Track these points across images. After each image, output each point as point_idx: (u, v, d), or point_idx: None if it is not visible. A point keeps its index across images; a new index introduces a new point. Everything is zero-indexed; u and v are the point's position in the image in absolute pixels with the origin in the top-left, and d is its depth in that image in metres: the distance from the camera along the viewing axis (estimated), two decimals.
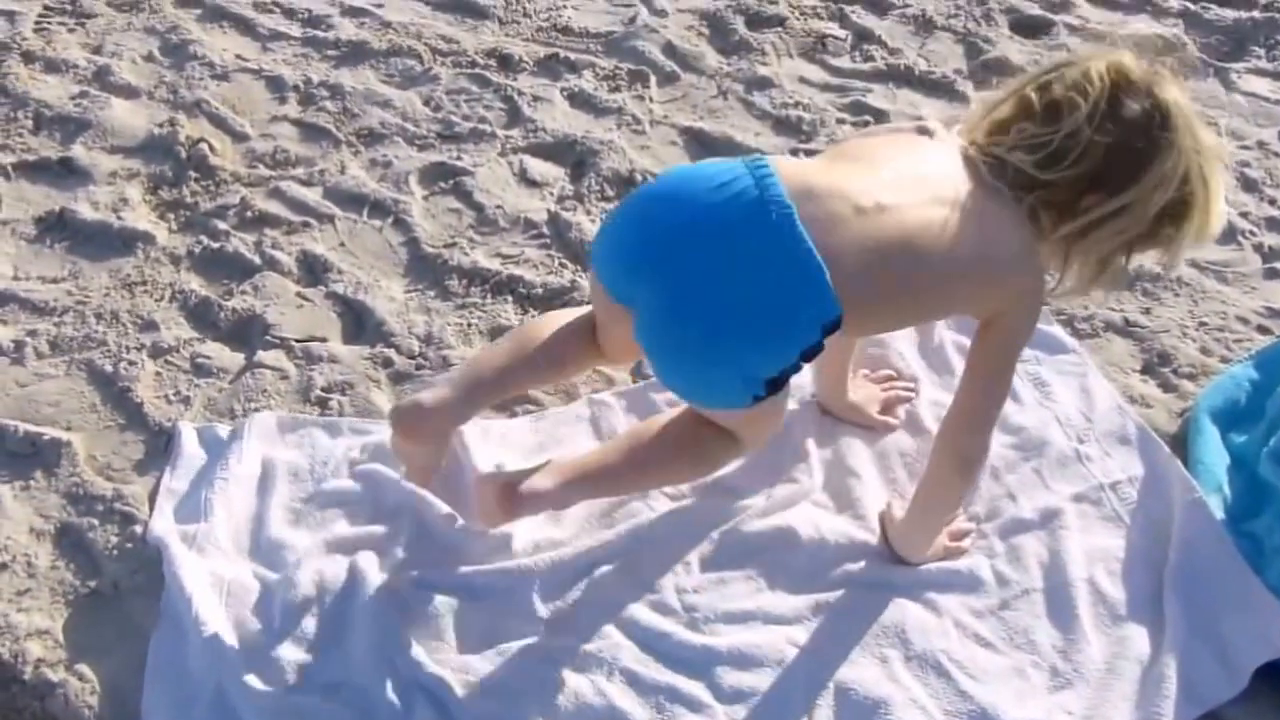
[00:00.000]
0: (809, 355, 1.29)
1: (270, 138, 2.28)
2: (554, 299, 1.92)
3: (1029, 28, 2.61)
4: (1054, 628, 1.51)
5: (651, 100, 2.37)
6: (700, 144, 2.26)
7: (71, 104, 2.34)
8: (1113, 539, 1.61)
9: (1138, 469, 1.68)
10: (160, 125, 2.28)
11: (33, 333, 1.88)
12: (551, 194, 2.14)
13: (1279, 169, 2.31)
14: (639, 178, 2.14)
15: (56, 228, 2.09)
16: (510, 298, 1.93)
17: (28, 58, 2.47)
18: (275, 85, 2.40)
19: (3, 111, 2.32)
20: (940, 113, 2.30)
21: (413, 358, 1.83)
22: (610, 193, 2.13)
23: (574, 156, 2.22)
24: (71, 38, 2.55)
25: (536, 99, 2.35)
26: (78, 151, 2.23)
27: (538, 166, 2.20)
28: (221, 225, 2.07)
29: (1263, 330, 1.95)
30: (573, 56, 2.46)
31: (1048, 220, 1.37)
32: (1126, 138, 1.32)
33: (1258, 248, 2.13)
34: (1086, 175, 1.33)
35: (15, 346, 1.85)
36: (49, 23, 2.59)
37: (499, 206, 2.10)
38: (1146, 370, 1.88)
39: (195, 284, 1.97)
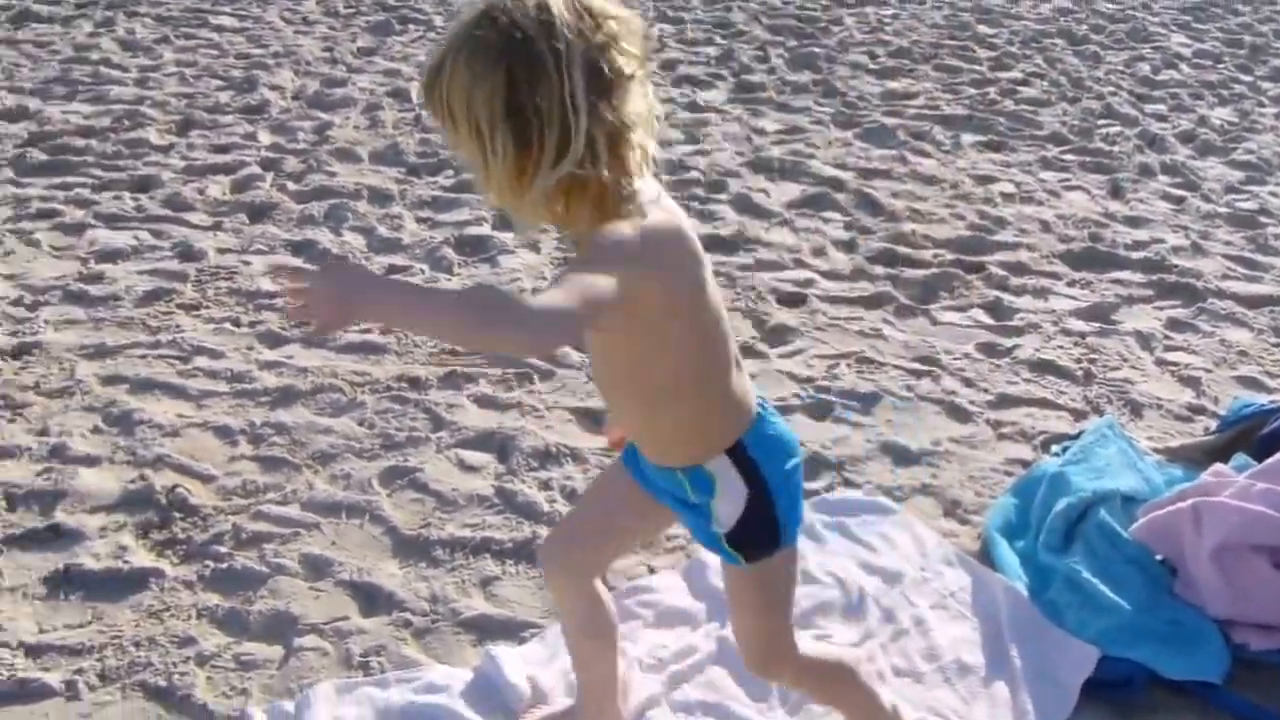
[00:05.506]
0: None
1: (236, 474, 2.73)
2: (521, 550, 2.47)
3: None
4: (952, 694, 2.15)
5: (540, 394, 3.04)
6: (589, 418, 2.93)
7: (39, 480, 2.70)
8: (963, 629, 2.29)
9: (965, 580, 2.41)
10: (132, 482, 2.68)
11: (79, 670, 2.18)
12: (490, 474, 2.72)
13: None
14: (553, 450, 2.77)
15: (66, 583, 2.41)
16: (488, 555, 2.46)
17: None
18: (223, 433, 2.88)
19: None
20: None
21: (426, 615, 2.31)
22: (535, 464, 2.74)
23: (496, 443, 2.82)
24: (14, 426, 2.92)
25: (451, 406, 2.96)
26: (61, 517, 2.58)
27: (470, 456, 2.78)
28: (222, 549, 2.48)
29: (1008, 474, 2.78)
30: (469, 370, 3.11)
31: None
32: None
33: (989, 422, 3.01)
34: None
35: (66, 686, 2.14)
36: None
37: (454, 489, 2.65)
38: (947, 514, 2.65)
39: (216, 599, 2.36)
